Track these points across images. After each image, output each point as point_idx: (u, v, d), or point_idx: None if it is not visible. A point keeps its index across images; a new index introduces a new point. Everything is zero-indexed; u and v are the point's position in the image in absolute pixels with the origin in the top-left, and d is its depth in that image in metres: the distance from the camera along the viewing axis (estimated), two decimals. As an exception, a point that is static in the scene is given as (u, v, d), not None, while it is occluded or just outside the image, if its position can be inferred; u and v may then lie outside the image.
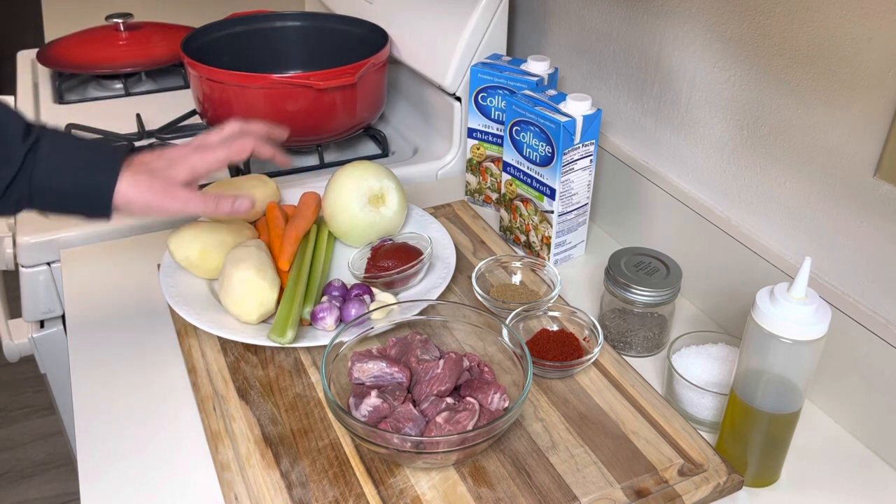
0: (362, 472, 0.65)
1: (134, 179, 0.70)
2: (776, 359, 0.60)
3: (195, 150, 0.76)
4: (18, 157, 0.66)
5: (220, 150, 0.77)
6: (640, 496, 0.63)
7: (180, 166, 0.74)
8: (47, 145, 0.68)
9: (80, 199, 0.70)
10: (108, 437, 0.71)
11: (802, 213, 0.75)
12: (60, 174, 0.68)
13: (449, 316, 0.77)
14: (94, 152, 0.70)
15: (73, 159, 0.69)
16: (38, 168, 0.67)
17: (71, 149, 0.69)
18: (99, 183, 0.69)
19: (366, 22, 1.22)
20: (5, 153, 0.66)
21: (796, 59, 0.72)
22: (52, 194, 0.69)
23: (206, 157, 0.76)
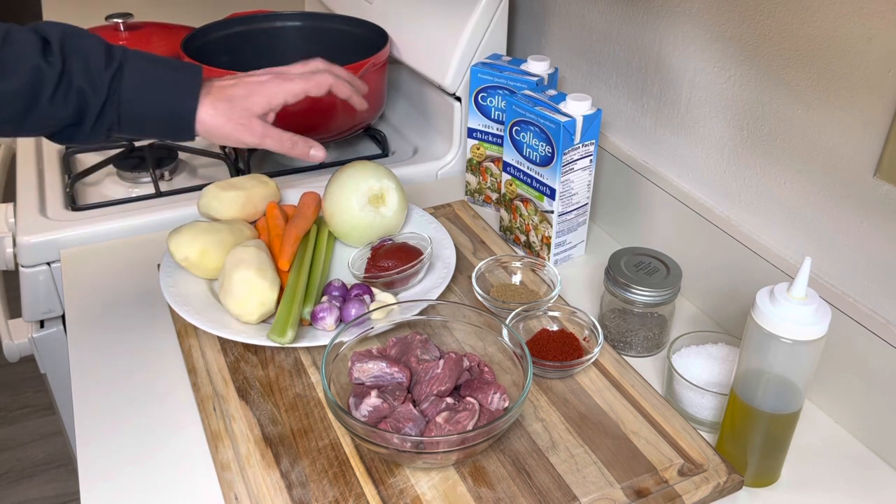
0: (362, 472, 0.65)
1: (214, 107, 0.72)
2: (776, 359, 0.60)
3: (275, 77, 0.77)
4: (104, 86, 0.68)
5: (299, 81, 0.78)
6: (640, 496, 0.63)
7: (257, 96, 0.75)
8: (129, 71, 0.69)
9: (165, 124, 0.72)
10: (108, 437, 0.71)
11: (802, 213, 0.75)
12: (144, 101, 0.70)
13: (449, 316, 0.77)
14: (173, 75, 0.71)
15: (154, 85, 0.70)
16: (123, 95, 0.69)
17: (151, 73, 0.70)
18: (181, 109, 0.71)
19: (366, 22, 1.22)
20: (92, 83, 0.67)
21: (796, 59, 0.72)
22: (139, 120, 0.71)
23: (285, 86, 0.76)
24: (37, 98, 0.66)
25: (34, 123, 0.68)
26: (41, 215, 1.00)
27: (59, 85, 0.67)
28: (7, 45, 0.65)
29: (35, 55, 0.66)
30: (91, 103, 0.68)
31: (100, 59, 0.68)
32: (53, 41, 0.67)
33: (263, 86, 0.76)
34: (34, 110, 0.67)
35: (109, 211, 1.02)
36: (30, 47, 0.66)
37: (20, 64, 0.65)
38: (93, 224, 0.98)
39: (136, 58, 0.71)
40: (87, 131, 0.70)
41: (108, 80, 0.68)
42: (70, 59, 0.67)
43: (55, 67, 0.66)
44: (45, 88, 0.66)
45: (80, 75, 0.67)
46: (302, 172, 1.14)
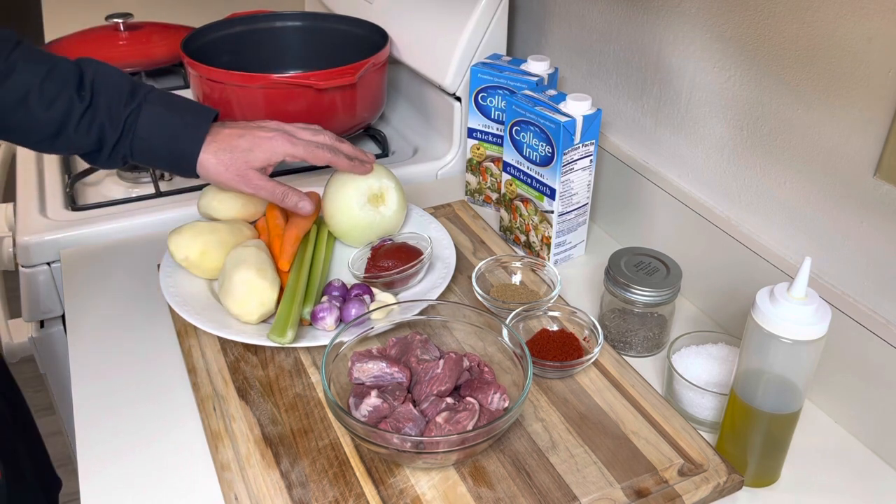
0: (362, 472, 0.65)
1: (216, 155, 0.79)
2: (776, 359, 0.60)
3: (280, 135, 0.81)
4: (121, 123, 0.76)
5: (301, 148, 0.82)
6: (640, 496, 0.63)
7: (259, 151, 0.80)
8: (146, 111, 0.77)
9: (170, 161, 0.80)
10: (108, 437, 0.71)
11: (802, 213, 0.75)
12: (154, 139, 0.78)
13: (449, 316, 0.77)
14: (184, 119, 0.79)
15: (164, 126, 0.78)
16: (137, 133, 0.77)
17: (164, 115, 0.78)
18: (185, 151, 0.79)
19: (366, 22, 1.22)
20: (111, 119, 0.76)
21: (796, 59, 0.72)
22: (148, 155, 0.79)
23: (287, 147, 0.81)
24: (65, 126, 0.75)
25: (62, 146, 0.77)
26: (41, 215, 1.00)
27: (84, 117, 0.75)
28: (51, 77, 0.74)
29: (72, 88, 0.75)
30: (108, 136, 0.76)
31: (122, 99, 0.77)
32: (86, 77, 0.76)
33: (267, 142, 0.81)
34: (62, 136, 0.76)
35: (109, 211, 1.02)
36: (69, 81, 0.75)
37: (58, 95, 0.74)
38: (93, 224, 0.98)
39: (155, 100, 0.78)
40: (106, 158, 0.78)
41: (125, 117, 0.76)
42: (97, 95, 0.76)
43: (84, 101, 0.75)
44: (73, 118, 0.75)
45: (103, 111, 0.76)
46: (302, 172, 1.14)
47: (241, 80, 1.04)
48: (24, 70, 0.74)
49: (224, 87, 1.06)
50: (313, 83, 1.04)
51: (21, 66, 0.74)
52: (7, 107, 0.74)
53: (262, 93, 1.05)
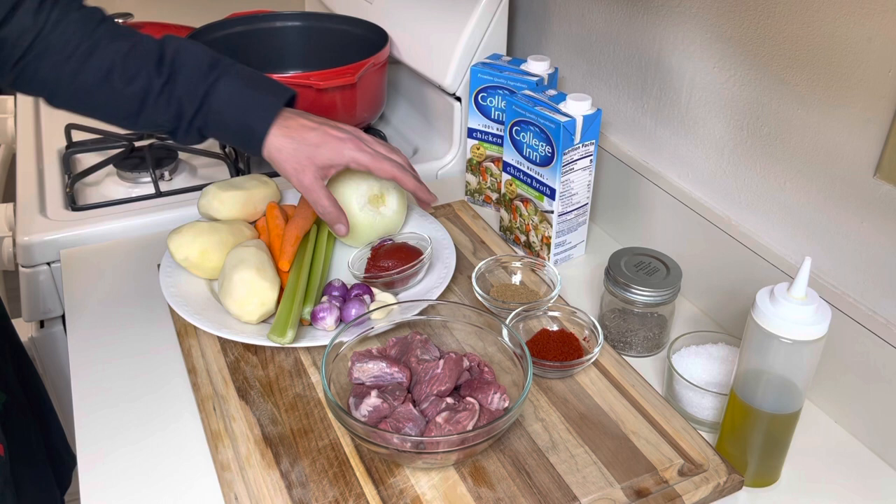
0: (362, 472, 0.65)
1: (283, 141, 0.79)
2: (776, 359, 0.60)
3: (352, 140, 0.80)
4: (199, 94, 0.77)
5: (368, 157, 0.80)
6: (640, 496, 0.63)
7: (327, 149, 0.79)
8: (223, 84, 0.77)
9: (239, 136, 0.79)
10: (108, 437, 0.71)
11: (802, 213, 0.75)
12: (226, 113, 0.78)
13: (449, 316, 0.77)
14: (258, 96, 0.78)
15: (237, 100, 0.78)
16: (212, 106, 0.77)
17: (240, 89, 0.78)
18: (255, 128, 0.78)
19: (366, 22, 1.22)
20: (188, 91, 0.76)
21: (796, 59, 0.72)
22: (220, 128, 0.79)
23: (354, 153, 0.80)
24: (146, 101, 0.76)
25: (144, 122, 0.78)
26: (41, 215, 1.00)
27: (163, 92, 0.76)
28: (133, 54, 0.75)
29: (151, 65, 0.76)
30: (186, 110, 0.77)
31: (201, 71, 0.77)
32: (167, 53, 0.77)
33: (338, 142, 0.80)
34: (143, 111, 0.76)
35: (109, 211, 1.02)
36: (150, 57, 0.76)
37: (139, 71, 0.75)
38: (93, 224, 0.98)
39: (234, 74, 0.78)
40: (184, 133, 0.79)
41: (203, 91, 0.77)
42: (176, 71, 0.76)
43: (162, 76, 0.76)
44: (152, 94, 0.76)
45: (181, 86, 0.76)
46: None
47: (241, 80, 1.04)
48: (108, 47, 0.74)
49: (224, 87, 1.06)
50: (313, 83, 1.04)
51: (105, 42, 0.74)
52: (92, 84, 0.74)
53: (262, 93, 1.04)
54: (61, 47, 0.73)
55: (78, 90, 0.75)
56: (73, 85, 0.74)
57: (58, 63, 0.73)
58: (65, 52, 0.73)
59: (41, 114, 1.30)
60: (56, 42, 0.73)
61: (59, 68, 0.73)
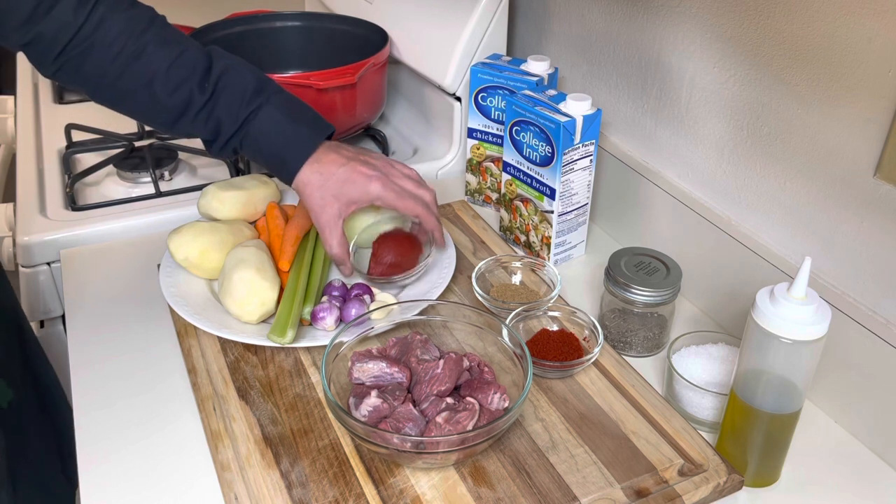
0: (362, 472, 0.65)
1: (312, 175, 0.79)
2: (776, 359, 0.60)
3: (379, 178, 0.80)
4: (240, 118, 0.78)
5: (393, 196, 0.80)
6: (640, 496, 0.63)
7: (352, 187, 0.79)
8: (265, 113, 0.78)
9: (273, 165, 0.81)
10: (108, 436, 0.71)
11: (802, 213, 0.75)
12: (263, 141, 0.79)
13: (449, 316, 0.77)
14: (297, 130, 0.79)
15: (277, 132, 0.79)
16: (250, 131, 0.78)
17: (280, 121, 0.79)
18: (288, 161, 0.80)
19: (366, 22, 1.22)
20: (230, 114, 0.77)
21: (796, 59, 0.72)
22: (255, 153, 0.80)
23: (381, 192, 0.80)
24: (184, 114, 0.77)
25: (181, 130, 0.79)
26: (41, 215, 1.00)
27: (203, 109, 0.77)
28: (178, 64, 0.76)
29: (195, 79, 0.76)
30: (224, 130, 0.78)
31: (245, 97, 0.78)
32: (214, 71, 0.77)
33: (364, 180, 0.80)
34: (180, 122, 0.78)
35: (109, 211, 1.02)
36: (195, 71, 0.76)
37: (182, 84, 0.76)
38: (93, 224, 0.98)
39: (278, 104, 0.79)
40: (219, 149, 0.80)
41: (245, 116, 0.78)
42: (220, 91, 0.77)
43: (205, 94, 0.77)
44: (192, 109, 0.77)
45: (222, 107, 0.77)
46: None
47: (241, 80, 1.04)
48: (154, 53, 0.75)
49: (224, 87, 1.06)
50: (313, 83, 1.04)
51: (151, 48, 0.74)
52: (134, 88, 0.75)
53: (262, 93, 1.04)
54: (106, 48, 0.73)
55: (119, 92, 0.76)
56: (115, 86, 0.75)
57: (101, 63, 0.74)
58: (109, 53, 0.73)
59: (41, 114, 1.30)
60: (100, 41, 0.73)
61: (102, 68, 0.74)
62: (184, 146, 1.15)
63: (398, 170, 0.83)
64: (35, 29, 0.71)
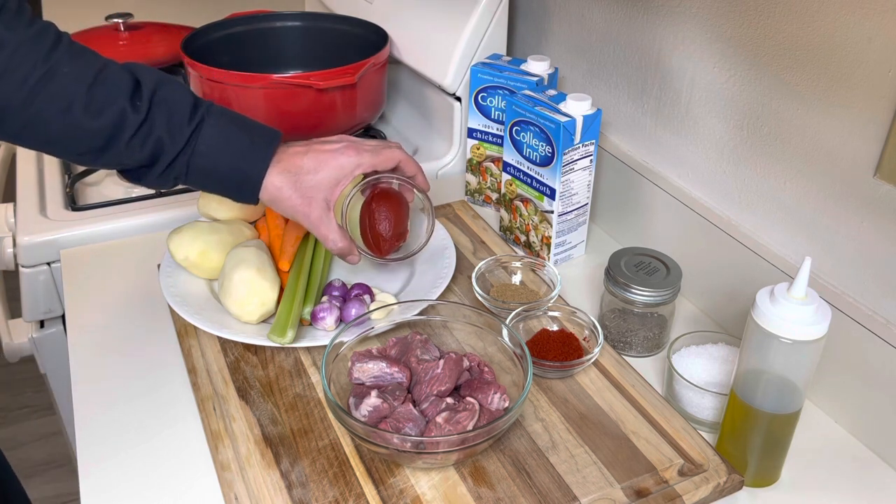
0: (362, 472, 0.65)
1: (280, 177, 0.72)
2: (776, 359, 0.60)
3: (347, 147, 0.75)
4: (182, 139, 0.69)
5: (368, 155, 0.76)
6: (640, 496, 0.63)
7: (326, 169, 0.73)
8: (209, 125, 0.70)
9: (231, 181, 0.72)
10: (108, 437, 0.71)
11: (802, 213, 0.75)
12: (216, 157, 0.70)
13: (449, 316, 0.77)
14: (250, 136, 0.72)
15: (228, 144, 0.70)
16: (197, 149, 0.69)
17: (228, 132, 0.71)
18: (250, 171, 0.71)
19: (366, 22, 1.22)
20: (171, 134, 0.68)
21: (796, 58, 0.72)
22: (206, 175, 0.71)
23: (355, 158, 0.75)
24: (116, 139, 0.67)
25: (109, 160, 0.69)
26: (41, 215, 1.00)
27: (139, 130, 0.67)
28: (100, 83, 0.66)
29: (124, 98, 0.67)
30: (166, 152, 0.69)
31: (185, 112, 0.69)
32: (145, 87, 0.68)
33: (333, 157, 0.74)
34: (111, 149, 0.68)
35: (109, 211, 1.02)
36: (121, 89, 0.67)
37: (109, 104, 0.66)
38: (93, 224, 0.98)
39: (219, 114, 0.71)
40: (157, 175, 0.71)
41: (189, 133, 0.69)
42: (156, 107, 0.68)
43: (140, 113, 0.67)
44: (126, 131, 0.67)
45: (161, 125, 0.68)
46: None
47: (241, 80, 1.04)
48: (69, 74, 0.65)
49: (224, 87, 1.06)
50: (313, 83, 1.04)
51: (66, 68, 0.65)
52: (49, 115, 0.65)
53: (263, 93, 1.05)
54: (9, 73, 0.63)
55: (29, 122, 0.65)
56: (24, 117, 0.64)
57: (5, 92, 0.63)
58: (14, 80, 0.63)
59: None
60: (2, 68, 0.62)
61: (6, 98, 0.63)
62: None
63: (354, 139, 0.79)
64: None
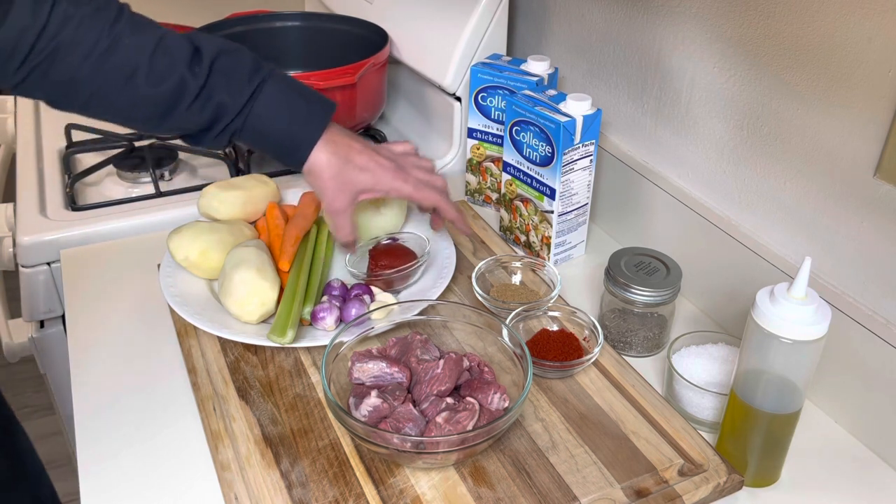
0: (362, 472, 0.65)
1: (329, 157, 0.76)
2: (776, 359, 0.60)
3: (395, 171, 0.79)
4: (244, 97, 0.72)
5: (410, 188, 0.79)
6: (640, 496, 0.63)
7: (368, 175, 0.77)
8: (269, 88, 0.73)
9: (283, 145, 0.76)
10: (108, 437, 0.71)
11: (802, 213, 0.75)
12: (271, 120, 0.74)
13: (449, 316, 0.77)
14: (307, 104, 0.75)
15: (283, 110, 0.74)
16: (254, 110, 0.73)
17: (288, 95, 0.74)
18: (302, 137, 0.75)
19: (366, 22, 1.22)
20: (231, 94, 0.72)
21: (796, 59, 0.72)
22: (260, 135, 0.75)
23: (396, 184, 0.79)
24: (176, 105, 0.71)
25: (171, 125, 0.73)
26: (41, 215, 1.00)
27: (199, 96, 0.71)
28: (160, 52, 0.69)
29: (183, 65, 0.70)
30: (225, 114, 0.72)
31: (244, 77, 0.72)
32: (205, 54, 0.71)
33: (381, 171, 0.78)
34: (172, 115, 0.71)
35: (109, 211, 1.02)
36: (180, 57, 0.70)
37: (169, 73, 0.69)
38: (93, 224, 0.98)
39: (279, 79, 0.75)
40: (214, 136, 0.74)
41: (249, 94, 0.72)
42: (215, 74, 0.71)
43: (199, 79, 0.70)
44: (185, 98, 0.70)
45: (220, 90, 0.71)
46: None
47: (241, 80, 1.04)
48: (131, 44, 0.68)
49: (224, 87, 1.06)
50: (313, 83, 1.04)
51: (127, 40, 0.68)
52: (113, 85, 0.68)
53: (262, 93, 1.04)
54: (75, 46, 0.66)
55: (94, 93, 0.69)
56: (89, 88, 0.68)
57: (71, 64, 0.67)
58: (80, 52, 0.67)
59: (41, 114, 1.30)
60: (69, 40, 0.66)
61: (72, 70, 0.67)
62: (184, 146, 1.15)
63: (411, 161, 0.82)
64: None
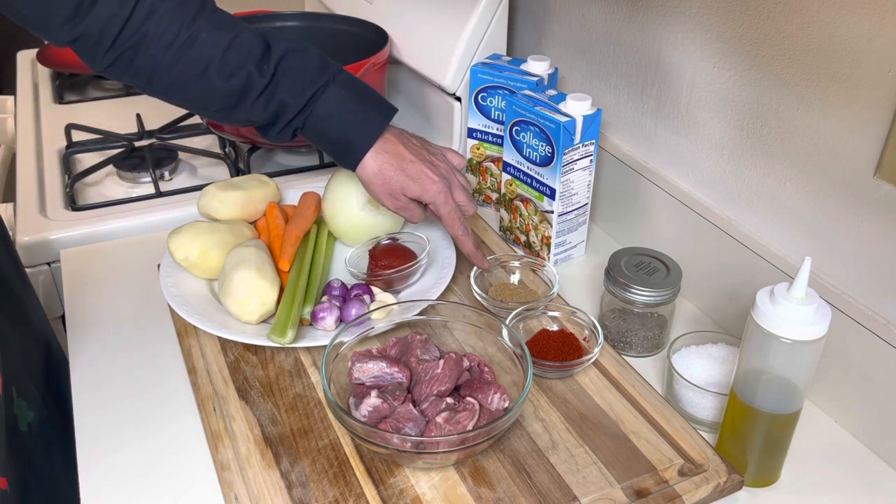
0: (362, 472, 0.65)
1: (381, 165, 0.79)
2: (776, 359, 0.60)
3: (442, 187, 0.80)
4: (305, 97, 0.76)
5: (446, 211, 0.81)
6: (640, 496, 0.63)
7: (417, 185, 0.80)
8: (331, 92, 0.77)
9: (336, 149, 0.80)
10: (108, 436, 0.71)
11: (802, 213, 0.75)
12: (330, 122, 0.78)
13: (449, 316, 0.77)
14: (365, 110, 0.78)
15: (345, 111, 0.78)
16: (316, 111, 0.77)
17: (347, 101, 0.78)
18: (356, 142, 0.79)
19: (366, 22, 1.22)
20: (294, 94, 0.76)
21: (796, 58, 0.72)
22: (319, 135, 0.79)
23: (439, 200, 0.81)
24: (243, 99, 0.75)
25: (239, 116, 0.77)
26: (41, 215, 1.00)
27: (264, 92, 0.75)
28: (234, 48, 0.74)
29: (252, 63, 0.74)
30: (287, 112, 0.76)
31: (309, 76, 0.76)
32: (274, 53, 0.76)
33: (429, 184, 0.80)
34: (240, 107, 0.76)
35: (109, 211, 1.02)
36: (251, 54, 0.75)
37: (239, 68, 0.74)
38: (93, 224, 0.98)
39: (343, 82, 0.78)
40: (278, 131, 0.78)
41: (310, 95, 0.76)
42: (280, 73, 0.75)
43: (265, 77, 0.75)
44: (252, 93, 0.75)
45: (285, 89, 0.75)
46: (302, 172, 1.14)
47: (241, 80, 1.04)
48: (208, 39, 0.73)
49: (224, 87, 1.06)
50: (313, 83, 1.04)
51: (205, 35, 0.73)
52: (189, 76, 0.73)
53: (262, 93, 1.04)
54: (157, 38, 0.71)
55: (173, 82, 0.74)
56: (169, 77, 0.73)
57: (154, 54, 0.72)
58: (161, 43, 0.71)
59: (41, 114, 1.30)
60: (152, 32, 0.71)
61: (155, 59, 0.72)
62: (184, 146, 1.15)
63: (458, 181, 0.84)
64: (81, 25, 0.69)
